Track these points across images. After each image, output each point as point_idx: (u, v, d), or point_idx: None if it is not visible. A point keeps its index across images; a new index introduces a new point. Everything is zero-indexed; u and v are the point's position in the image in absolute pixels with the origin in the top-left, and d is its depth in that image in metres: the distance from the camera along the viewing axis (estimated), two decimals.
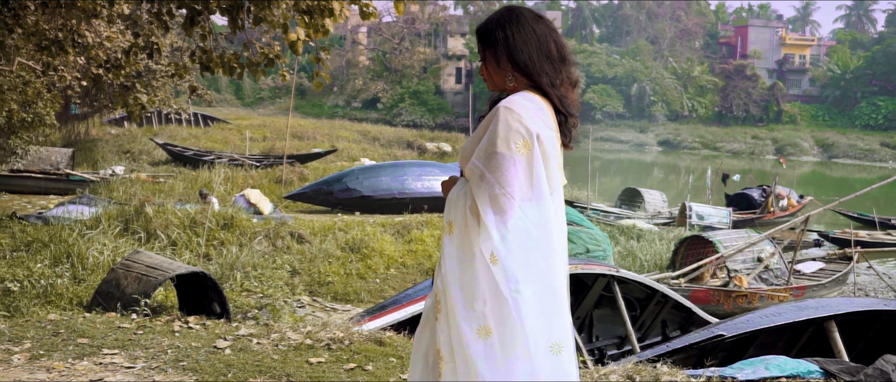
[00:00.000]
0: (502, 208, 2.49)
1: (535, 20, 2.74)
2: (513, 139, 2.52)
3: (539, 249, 2.52)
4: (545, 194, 2.54)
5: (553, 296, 2.53)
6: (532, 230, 2.51)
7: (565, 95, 2.70)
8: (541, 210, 2.53)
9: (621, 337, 9.61)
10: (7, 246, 11.53)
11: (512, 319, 2.45)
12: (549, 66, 2.68)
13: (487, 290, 2.47)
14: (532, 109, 2.59)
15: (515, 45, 2.69)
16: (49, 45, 10.30)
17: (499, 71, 2.74)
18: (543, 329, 2.49)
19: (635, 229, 19.00)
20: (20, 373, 4.45)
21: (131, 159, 28.80)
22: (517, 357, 2.46)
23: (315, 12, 7.81)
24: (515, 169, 2.50)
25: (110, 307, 7.34)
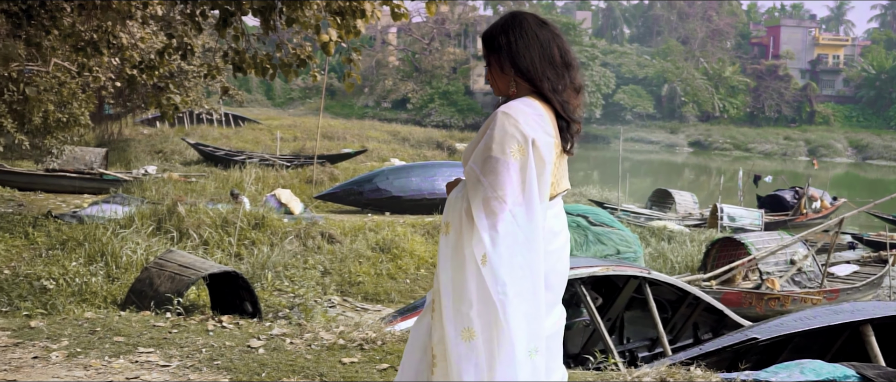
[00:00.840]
0: (494, 211, 2.52)
1: (538, 26, 2.75)
2: (508, 144, 2.54)
3: (525, 253, 2.55)
4: (535, 200, 2.56)
5: (535, 300, 2.57)
6: (520, 235, 2.54)
7: (567, 100, 2.72)
8: (530, 216, 2.56)
9: (652, 339, 9.55)
10: (43, 245, 11.68)
11: (498, 322, 2.49)
12: (551, 71, 2.70)
13: (475, 292, 2.51)
14: (530, 115, 2.61)
15: (518, 51, 2.71)
16: (84, 46, 10.42)
17: (503, 76, 2.76)
18: (524, 334, 2.53)
19: (666, 231, 18.89)
20: (58, 370, 4.51)
21: (163, 158, 29.05)
22: (500, 361, 2.50)
23: (347, 13, 7.83)
24: (508, 174, 2.53)
25: (144, 306, 7.41)
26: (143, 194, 17.77)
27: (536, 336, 2.57)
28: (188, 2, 8.37)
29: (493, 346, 2.50)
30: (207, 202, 15.50)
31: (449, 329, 2.53)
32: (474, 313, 2.50)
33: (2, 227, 12.53)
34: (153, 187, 18.80)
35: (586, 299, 8.32)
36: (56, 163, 19.60)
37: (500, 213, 2.52)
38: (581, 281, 8.33)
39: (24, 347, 4.92)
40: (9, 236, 11.95)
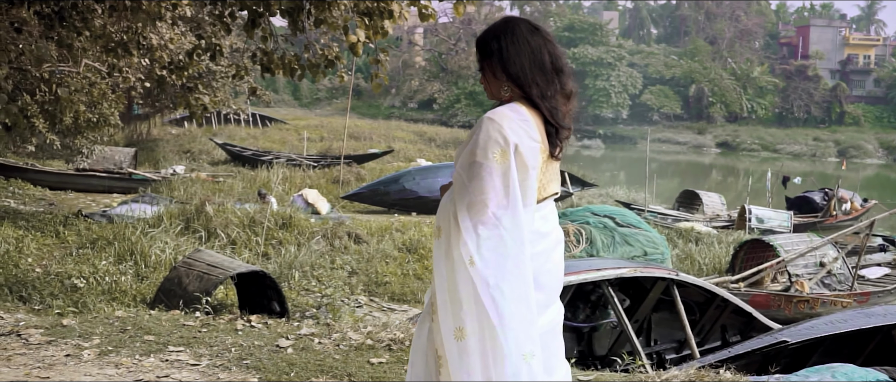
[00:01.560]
0: (477, 214, 2.60)
1: (530, 32, 2.79)
2: (491, 149, 2.60)
3: (511, 256, 2.61)
4: (519, 204, 2.61)
5: (525, 304, 2.61)
6: (505, 237, 2.60)
7: (556, 106, 2.75)
8: (514, 219, 2.61)
9: (680, 341, 9.49)
10: (73, 243, 11.79)
11: (489, 323, 2.55)
12: (541, 77, 2.74)
13: (466, 293, 2.57)
14: (515, 120, 2.66)
15: (509, 57, 2.75)
16: (115, 47, 10.52)
17: (495, 81, 2.80)
18: (516, 335, 2.57)
19: (693, 232, 18.77)
20: (90, 368, 4.55)
21: (191, 158, 29.25)
22: (494, 362, 2.56)
23: (374, 14, 7.85)
24: (491, 178, 2.59)
25: (173, 305, 7.47)
26: (171, 193, 17.90)
27: (529, 339, 2.61)
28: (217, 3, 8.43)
29: (485, 347, 2.56)
30: (235, 202, 15.58)
31: (444, 329, 2.60)
32: (465, 313, 2.56)
33: (33, 226, 12.67)
34: (181, 187, 18.93)
35: (614, 300, 8.28)
36: (86, 163, 19.79)
37: (483, 216, 2.59)
38: (608, 283, 8.30)
39: (56, 345, 4.97)
40: (40, 234, 12.08)
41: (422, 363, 2.77)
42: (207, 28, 9.84)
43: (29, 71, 12.08)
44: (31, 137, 13.82)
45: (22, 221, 13.05)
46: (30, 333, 5.17)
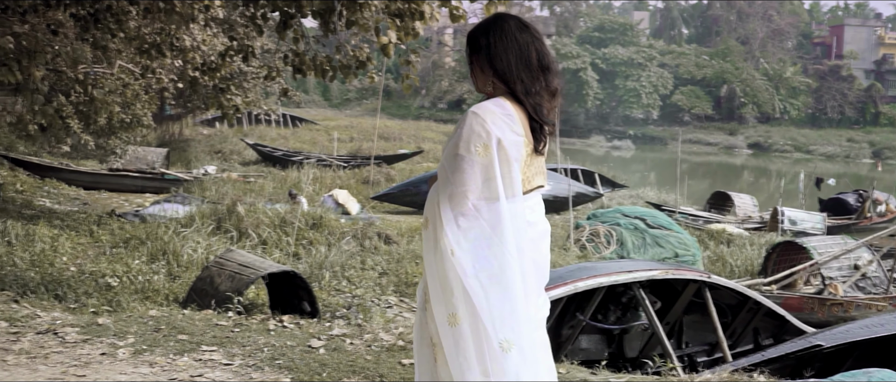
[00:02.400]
0: (458, 205, 2.69)
1: (519, 29, 2.86)
2: (473, 142, 2.68)
3: (491, 246, 2.69)
4: (501, 195, 2.69)
5: (503, 293, 2.68)
6: (485, 228, 2.69)
7: (541, 103, 2.81)
8: (496, 210, 2.69)
9: (712, 344, 9.41)
10: (107, 243, 11.92)
11: (474, 309, 2.65)
12: (526, 74, 2.81)
13: (454, 281, 2.67)
14: (498, 114, 2.73)
15: (496, 53, 2.82)
16: (148, 48, 10.63)
17: (482, 76, 2.87)
18: (492, 324, 2.65)
19: (725, 234, 18.62)
20: (125, 367, 4.60)
21: (222, 158, 29.46)
22: (486, 345, 2.66)
23: (405, 15, 7.87)
24: (472, 171, 2.67)
25: (205, 304, 7.52)
26: (202, 193, 18.03)
27: (508, 328, 2.68)
28: (249, 4, 8.49)
29: (479, 333, 2.66)
30: (266, 202, 15.68)
31: (438, 317, 2.71)
32: (456, 300, 2.66)
33: (68, 225, 12.82)
34: (213, 187, 19.06)
35: (645, 302, 8.23)
36: (119, 163, 20.00)
37: (463, 207, 2.69)
38: (639, 285, 8.25)
39: (92, 343, 5.03)
40: (74, 234, 12.22)
41: (425, 352, 2.86)
42: (240, 29, 9.91)
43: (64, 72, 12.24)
44: (65, 137, 14.02)
45: (57, 220, 13.21)
46: (66, 331, 5.24)
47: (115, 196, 19.25)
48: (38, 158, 20.78)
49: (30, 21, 9.25)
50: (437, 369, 2.79)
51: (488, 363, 2.66)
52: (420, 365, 2.92)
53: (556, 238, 16.41)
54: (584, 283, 7.88)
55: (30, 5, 8.54)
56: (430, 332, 2.79)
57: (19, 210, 13.82)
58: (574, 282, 7.84)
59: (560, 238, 16.47)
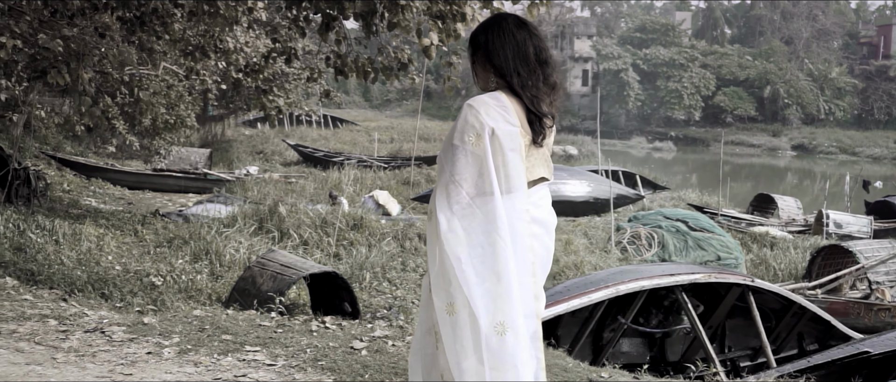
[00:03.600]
0: (451, 194, 2.81)
1: (516, 26, 3.00)
2: (467, 133, 2.82)
3: (485, 232, 2.79)
4: (494, 184, 2.80)
5: (496, 279, 2.77)
6: (478, 215, 2.80)
7: (538, 95, 2.95)
8: (488, 199, 2.80)
9: (755, 349, 9.31)
10: (151, 242, 12.06)
11: (466, 297, 2.75)
12: (523, 68, 2.94)
13: (449, 270, 2.78)
14: (493, 106, 2.87)
15: (494, 49, 2.97)
16: (192, 50, 10.77)
17: (483, 72, 3.03)
18: (487, 309, 2.75)
19: (768, 237, 18.39)
20: (170, 366, 4.66)
21: (264, 159, 29.70)
22: (473, 335, 2.76)
23: (447, 17, 7.88)
24: (466, 160, 2.80)
25: (247, 304, 7.59)
26: (244, 193, 18.19)
27: (503, 312, 2.77)
28: (292, 7, 8.55)
29: (474, 320, 2.76)
30: (307, 203, 15.77)
31: (437, 306, 2.82)
32: (454, 289, 2.77)
33: (113, 224, 13.00)
34: (254, 187, 19.21)
35: (687, 306, 8.17)
36: (163, 163, 20.24)
37: (456, 196, 2.80)
38: (682, 288, 8.19)
39: (138, 342, 5.10)
40: (119, 233, 12.38)
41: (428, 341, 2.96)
42: (282, 31, 9.99)
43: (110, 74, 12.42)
44: (111, 137, 14.25)
45: (102, 219, 13.40)
46: (113, 330, 5.31)
47: (158, 196, 19.49)
48: (85, 158, 21.11)
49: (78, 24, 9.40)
50: (437, 355, 2.89)
51: (484, 349, 2.75)
52: (419, 352, 3.00)
53: (597, 241, 16.32)
54: (626, 286, 7.84)
55: (78, 9, 8.69)
56: (433, 321, 2.88)
57: (66, 210, 14.04)
58: (616, 285, 7.80)
59: (601, 241, 16.38)
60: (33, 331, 5.28)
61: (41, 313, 5.89)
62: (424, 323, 3.00)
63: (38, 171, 14.69)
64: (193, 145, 26.18)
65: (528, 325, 2.89)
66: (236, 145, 31.23)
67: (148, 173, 20.48)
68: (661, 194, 26.33)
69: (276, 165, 28.43)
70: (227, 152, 28.91)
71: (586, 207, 20.02)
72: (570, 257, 14.90)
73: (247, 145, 31.84)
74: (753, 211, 24.04)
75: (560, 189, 19.94)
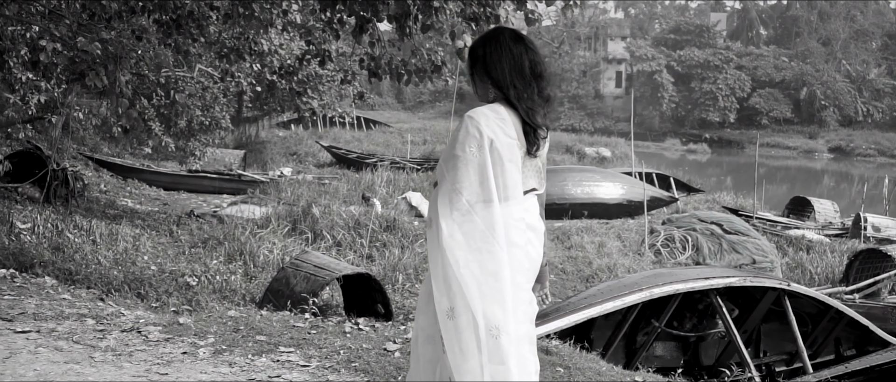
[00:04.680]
0: (453, 202, 2.91)
1: (513, 40, 3.12)
2: (468, 144, 2.93)
3: (484, 239, 2.89)
4: (493, 193, 2.91)
5: (493, 283, 2.87)
6: (478, 223, 2.90)
7: (533, 107, 3.06)
8: (488, 207, 2.91)
9: (791, 354, 9.21)
10: (186, 242, 12.18)
11: (466, 301, 2.84)
12: (519, 81, 3.06)
13: (450, 275, 2.87)
14: (492, 118, 2.99)
15: (491, 62, 3.09)
16: (228, 53, 10.85)
17: (482, 84, 3.15)
18: (483, 313, 2.84)
19: (804, 241, 18.17)
20: (205, 366, 4.70)
21: (298, 160, 29.86)
22: (475, 337, 2.84)
23: (481, 19, 7.87)
24: (466, 169, 2.91)
25: (280, 305, 7.64)
26: (278, 195, 18.30)
27: (498, 317, 2.86)
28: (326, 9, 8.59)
29: (476, 324, 2.84)
30: (340, 204, 15.83)
31: (439, 311, 2.90)
32: (454, 294, 2.86)
33: (149, 225, 13.15)
34: (288, 189, 19.32)
35: (722, 310, 8.10)
36: (198, 164, 20.40)
37: (457, 203, 2.90)
38: (716, 292, 8.12)
39: (173, 342, 5.15)
40: (155, 233, 12.52)
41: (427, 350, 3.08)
42: (316, 34, 10.04)
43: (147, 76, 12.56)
44: (147, 139, 14.38)
45: (138, 220, 13.56)
46: (149, 330, 5.37)
47: (193, 197, 19.67)
48: (121, 159, 21.37)
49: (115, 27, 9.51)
50: (444, 358, 2.97)
51: (484, 351, 2.84)
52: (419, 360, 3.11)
53: (630, 243, 16.24)
54: (660, 290, 7.79)
55: (115, 12, 8.79)
56: (434, 328, 2.99)
57: (103, 210, 14.22)
58: (649, 288, 7.76)
59: (634, 243, 16.29)
60: (72, 330, 5.35)
61: (79, 312, 5.96)
62: (424, 330, 3.10)
63: (75, 172, 14.89)
64: (228, 147, 26.37)
65: (526, 329, 3.01)
66: (270, 147, 31.42)
67: (183, 174, 20.68)
68: (695, 196, 26.13)
69: (310, 166, 28.57)
70: (261, 154, 29.09)
71: (620, 209, 19.92)
72: (603, 259, 14.83)
73: (281, 147, 32.02)
74: (789, 214, 23.77)
75: (593, 191, 19.86)
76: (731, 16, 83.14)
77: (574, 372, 5.22)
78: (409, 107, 70.85)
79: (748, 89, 64.87)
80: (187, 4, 8.96)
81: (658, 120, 66.11)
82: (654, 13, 78.21)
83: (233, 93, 18.51)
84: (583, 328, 7.75)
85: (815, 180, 46.34)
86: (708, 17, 78.59)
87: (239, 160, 23.46)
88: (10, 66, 9.24)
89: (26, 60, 9.37)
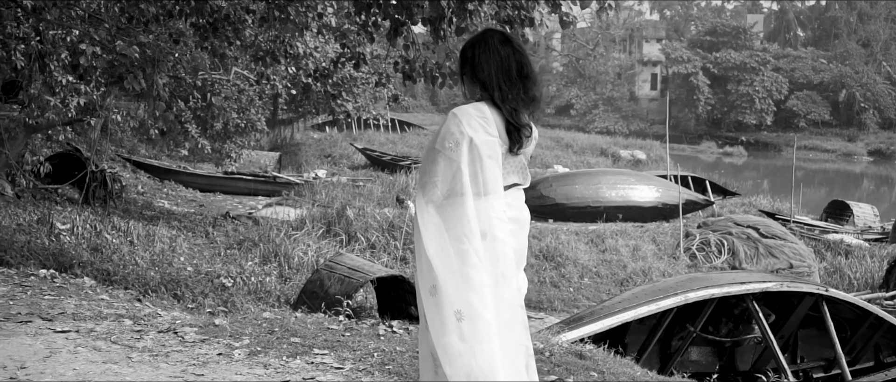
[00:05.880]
0: (429, 193, 3.10)
1: (501, 43, 3.26)
2: (447, 140, 3.09)
3: (455, 228, 3.06)
4: (467, 186, 3.06)
5: (459, 269, 3.04)
6: (450, 214, 3.07)
7: (517, 108, 3.21)
8: (460, 199, 3.07)
9: (829, 360, 9.11)
10: (222, 244, 12.29)
11: (438, 283, 3.03)
12: (505, 82, 3.19)
13: (425, 259, 3.07)
14: (474, 117, 3.13)
15: (479, 64, 3.23)
16: (263, 55, 10.93)
17: (470, 84, 3.30)
18: (449, 295, 3.02)
19: (843, 245, 17.93)
20: (241, 367, 4.74)
21: (332, 162, 30.00)
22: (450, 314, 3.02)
23: (516, 22, 7.87)
24: (443, 164, 3.08)
25: (315, 307, 7.68)
26: (313, 197, 18.40)
27: (463, 301, 3.02)
28: (361, 13, 8.62)
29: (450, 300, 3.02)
30: (374, 206, 15.89)
31: (422, 287, 3.09)
32: (435, 274, 3.04)
33: (185, 226, 13.28)
34: (323, 191, 19.42)
35: (758, 315, 8.02)
36: (234, 166, 20.57)
37: (432, 194, 3.09)
38: (753, 297, 8.05)
39: (209, 343, 5.19)
40: (191, 234, 12.65)
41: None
42: (351, 37, 10.09)
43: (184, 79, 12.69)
44: (184, 141, 14.52)
45: (175, 221, 13.70)
46: (185, 331, 5.43)
47: (229, 198, 19.83)
48: (158, 161, 21.61)
49: (153, 31, 9.62)
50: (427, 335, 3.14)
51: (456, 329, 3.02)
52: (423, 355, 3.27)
53: (665, 247, 16.12)
54: (695, 294, 7.74)
55: (153, 16, 8.89)
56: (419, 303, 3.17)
57: (140, 211, 14.39)
58: (684, 293, 7.71)
59: (669, 247, 16.18)
60: (110, 330, 5.42)
61: (117, 312, 6.04)
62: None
63: (114, 173, 15.09)
64: (263, 149, 26.55)
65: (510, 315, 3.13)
66: (305, 149, 31.58)
67: (219, 175, 20.86)
68: (731, 199, 25.87)
69: (344, 168, 28.69)
70: (296, 156, 29.26)
71: (654, 212, 19.79)
72: (637, 263, 14.75)
73: (315, 149, 32.17)
74: (827, 218, 23.47)
75: (628, 194, 19.75)
76: (768, 17, 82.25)
77: (608, 377, 5.19)
78: (444, 109, 70.84)
79: (785, 92, 64.11)
80: (224, 8, 9.04)
81: (694, 122, 65.54)
82: (690, 15, 77.54)
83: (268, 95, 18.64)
84: (617, 333, 7.71)
85: (854, 183, 45.69)
86: (744, 19, 77.79)
87: (274, 162, 23.61)
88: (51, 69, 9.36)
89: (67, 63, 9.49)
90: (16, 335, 5.18)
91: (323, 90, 18.01)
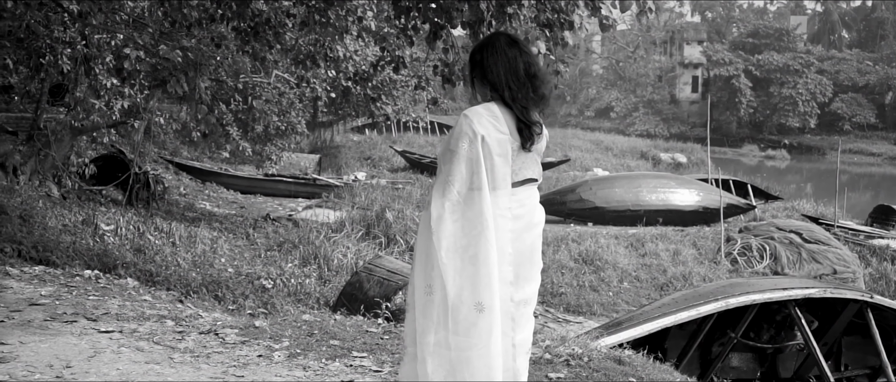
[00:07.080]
0: (444, 192, 3.19)
1: (508, 45, 3.37)
2: (461, 140, 3.20)
3: (472, 224, 3.17)
4: (483, 184, 3.18)
5: (476, 266, 3.15)
6: (466, 212, 3.19)
7: (527, 106, 3.32)
8: (478, 197, 3.18)
9: (874, 368, 8.95)
10: (262, 246, 12.39)
11: (443, 281, 3.13)
12: (514, 82, 3.31)
13: (433, 256, 3.15)
14: (485, 116, 3.25)
15: (488, 66, 3.35)
16: (304, 59, 11.02)
17: (480, 86, 3.41)
18: (463, 289, 3.14)
19: (889, 250, 17.63)
20: (280, 369, 4.78)
21: (372, 165, 30.11)
22: (442, 314, 3.15)
23: (555, 25, 7.84)
24: (458, 163, 3.18)
25: (354, 309, 7.71)
26: (352, 199, 18.48)
27: (481, 294, 3.14)
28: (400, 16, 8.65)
29: (445, 301, 3.14)
30: (414, 209, 15.92)
31: (417, 284, 3.21)
32: (435, 273, 3.15)
33: (226, 228, 13.41)
34: (362, 193, 19.51)
35: (801, 322, 7.92)
36: (274, 168, 20.74)
37: (448, 193, 3.18)
38: (795, 303, 7.94)
39: (249, 345, 5.24)
40: (232, 236, 12.77)
41: None
42: (391, 40, 10.13)
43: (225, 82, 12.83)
44: (225, 143, 14.68)
45: (216, 223, 13.84)
46: (226, 332, 5.48)
47: (269, 200, 19.99)
48: (200, 163, 21.86)
49: (195, 35, 9.74)
50: (406, 326, 3.32)
51: (451, 326, 3.14)
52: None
53: (706, 251, 15.97)
54: (736, 300, 7.65)
55: (195, 20, 9.00)
56: (409, 295, 3.31)
57: (182, 213, 14.56)
58: (725, 298, 7.63)
59: (710, 251, 16.03)
60: (152, 331, 5.49)
61: (159, 313, 6.12)
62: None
63: (156, 175, 15.29)
64: (303, 151, 26.73)
65: (503, 307, 3.23)
66: (345, 151, 31.74)
67: (259, 177, 21.03)
68: (773, 204, 25.55)
69: (384, 171, 28.79)
70: (335, 158, 29.41)
71: (695, 216, 19.62)
72: (678, 268, 14.63)
73: (355, 151, 32.32)
74: (873, 223, 23.07)
75: (668, 198, 19.59)
76: (812, 19, 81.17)
77: None
78: None
79: (830, 94, 63.20)
80: (265, 12, 9.12)
81: (735, 125, 64.83)
82: (732, 17, 76.76)
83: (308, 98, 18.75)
84: (657, 338, 7.66)
85: None
86: (787, 21, 76.84)
87: (314, 165, 23.76)
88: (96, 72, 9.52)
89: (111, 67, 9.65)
90: (62, 334, 5.27)
91: (362, 93, 18.08)
